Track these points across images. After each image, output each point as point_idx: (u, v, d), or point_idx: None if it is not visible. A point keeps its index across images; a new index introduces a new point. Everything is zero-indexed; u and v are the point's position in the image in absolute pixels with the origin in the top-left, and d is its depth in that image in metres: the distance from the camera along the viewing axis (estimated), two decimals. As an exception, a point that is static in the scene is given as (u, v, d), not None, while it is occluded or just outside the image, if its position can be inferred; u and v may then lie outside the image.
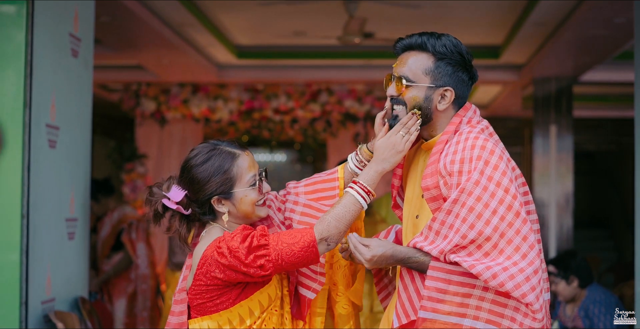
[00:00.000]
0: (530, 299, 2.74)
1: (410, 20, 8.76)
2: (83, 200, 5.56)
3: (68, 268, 5.32)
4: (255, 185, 2.98)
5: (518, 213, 2.80)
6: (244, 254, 2.82)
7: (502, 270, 2.74)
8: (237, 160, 2.98)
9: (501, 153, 2.88)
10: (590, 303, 6.20)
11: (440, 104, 2.99)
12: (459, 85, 3.01)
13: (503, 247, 2.79)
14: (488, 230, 2.79)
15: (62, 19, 5.16)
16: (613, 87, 12.33)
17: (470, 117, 3.03)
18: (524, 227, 2.79)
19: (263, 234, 2.85)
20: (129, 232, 7.54)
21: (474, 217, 2.80)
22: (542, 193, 10.33)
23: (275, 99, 11.27)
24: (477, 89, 13.19)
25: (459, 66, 3.00)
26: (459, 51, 3.00)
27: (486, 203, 2.80)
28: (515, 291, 2.73)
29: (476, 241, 2.80)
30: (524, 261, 2.76)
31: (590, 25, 7.63)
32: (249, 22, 9.17)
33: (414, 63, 3.00)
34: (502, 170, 2.83)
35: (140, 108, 11.37)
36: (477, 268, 2.75)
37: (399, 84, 3.01)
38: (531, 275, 2.75)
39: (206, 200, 2.98)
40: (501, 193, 2.80)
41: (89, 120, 5.65)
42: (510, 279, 2.73)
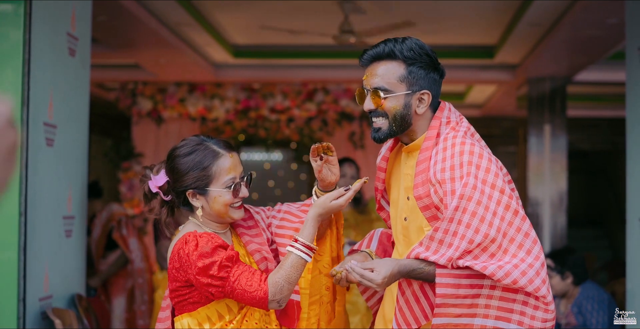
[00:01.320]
0: (543, 292, 2.82)
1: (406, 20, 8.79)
2: (80, 198, 5.60)
3: (65, 266, 5.36)
4: (230, 188, 2.99)
5: (516, 211, 2.86)
6: (200, 276, 2.88)
7: (513, 267, 2.79)
8: (218, 159, 3.00)
9: (488, 155, 2.92)
10: (583, 300, 6.25)
11: (419, 108, 3.01)
12: (433, 86, 3.02)
13: (507, 246, 2.84)
14: (492, 231, 2.83)
15: (60, 18, 5.19)
16: (607, 87, 12.38)
17: (448, 117, 3.04)
18: (524, 224, 2.86)
19: (226, 265, 2.88)
20: (119, 229, 7.57)
21: (477, 221, 2.84)
22: (537, 192, 10.37)
23: (271, 98, 11.31)
24: (472, 89, 13.23)
25: (429, 67, 3.01)
26: (425, 52, 3.00)
27: (486, 206, 2.84)
28: (529, 286, 2.79)
29: (482, 244, 2.84)
30: (530, 256, 2.82)
31: (584, 26, 7.68)
32: (245, 21, 9.20)
33: (387, 73, 3.00)
34: (494, 172, 2.88)
35: (137, 107, 11.40)
36: (489, 269, 2.80)
37: (375, 97, 3.02)
38: (540, 269, 2.82)
39: (182, 191, 3.03)
40: (497, 194, 2.86)
41: (87, 119, 5.69)
42: (522, 276, 2.79)
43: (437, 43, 10.01)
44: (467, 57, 10.49)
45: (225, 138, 3.12)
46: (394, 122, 3.02)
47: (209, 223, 3.07)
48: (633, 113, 5.46)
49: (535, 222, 10.31)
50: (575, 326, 6.28)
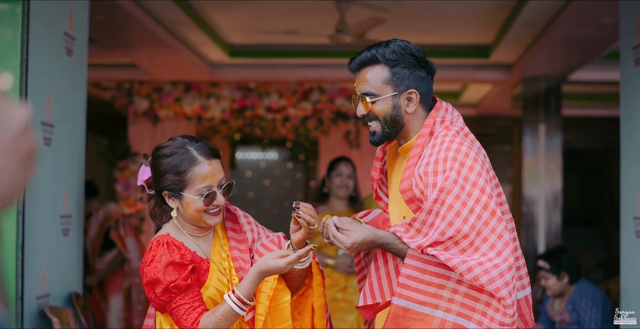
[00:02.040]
0: (503, 294, 2.82)
1: (401, 19, 8.83)
2: (77, 197, 5.62)
3: (62, 264, 5.38)
4: (203, 196, 3.00)
5: (494, 212, 2.88)
6: (147, 288, 2.97)
7: (477, 264, 2.83)
8: (195, 166, 3.00)
9: (476, 155, 2.94)
10: (577, 297, 6.29)
11: (408, 107, 3.06)
12: (420, 83, 3.07)
13: (479, 245, 2.87)
14: (466, 228, 2.87)
15: (57, 18, 5.21)
16: (601, 86, 12.41)
17: (443, 117, 3.08)
18: (499, 226, 2.88)
19: (171, 291, 2.93)
20: (116, 229, 7.60)
21: (452, 215, 2.88)
22: (531, 191, 10.40)
23: (267, 97, 11.32)
24: (467, 88, 13.26)
25: (414, 66, 3.06)
26: (409, 52, 3.06)
27: (464, 201, 2.88)
28: (489, 285, 2.81)
29: (454, 238, 2.88)
30: (499, 258, 2.84)
31: (578, 26, 7.70)
32: (241, 21, 9.23)
33: (372, 77, 3.07)
34: (477, 171, 2.91)
35: (133, 107, 11.41)
36: (453, 261, 2.84)
37: (364, 102, 3.09)
38: (505, 271, 2.83)
39: (159, 191, 3.07)
40: (477, 193, 2.89)
41: (84, 118, 5.71)
42: (484, 274, 2.81)
43: (432, 42, 10.04)
44: (462, 57, 10.51)
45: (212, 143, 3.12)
46: (386, 124, 3.08)
47: (186, 225, 3.10)
48: (627, 112, 5.50)
49: (530, 221, 10.34)
50: (569, 323, 6.32)
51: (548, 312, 6.56)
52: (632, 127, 5.36)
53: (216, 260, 3.08)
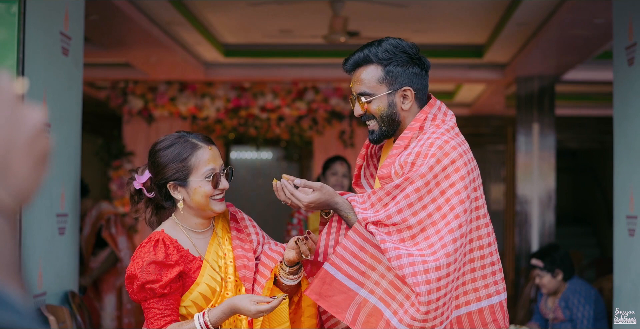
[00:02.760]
0: (420, 290, 2.84)
1: (395, 19, 8.85)
2: (73, 196, 5.64)
3: (59, 263, 5.40)
4: (210, 179, 3.03)
5: (444, 216, 2.91)
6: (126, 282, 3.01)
7: (407, 255, 2.87)
8: (197, 150, 3.04)
9: (457, 157, 2.96)
10: (570, 294, 6.32)
11: (404, 104, 3.10)
12: (414, 80, 3.10)
13: (419, 240, 2.92)
14: (412, 220, 2.92)
15: (53, 18, 5.23)
16: (595, 86, 12.44)
17: (435, 114, 3.11)
18: (445, 229, 2.90)
19: (146, 292, 2.96)
20: (108, 228, 7.59)
21: (404, 204, 2.93)
22: (525, 190, 10.43)
23: (261, 97, 11.34)
24: (461, 88, 13.29)
25: (407, 63, 3.09)
26: (401, 50, 3.09)
27: (420, 196, 2.92)
28: (410, 278, 2.84)
29: (398, 225, 2.93)
30: (431, 256, 2.87)
31: (572, 26, 7.74)
32: (236, 21, 9.25)
33: (366, 77, 3.11)
34: (446, 174, 2.93)
35: (128, 106, 11.42)
36: (386, 244, 2.89)
37: (360, 102, 3.13)
38: (431, 269, 2.85)
39: (163, 184, 3.07)
40: (437, 193, 2.92)
41: (79, 118, 5.73)
42: (409, 266, 2.85)
43: (426, 42, 10.06)
44: (456, 56, 10.54)
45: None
46: (383, 123, 3.12)
47: (189, 218, 3.11)
48: (620, 111, 5.52)
49: (523, 220, 10.38)
50: (562, 321, 6.35)
51: (541, 310, 6.59)
52: (625, 126, 5.39)
53: (210, 259, 3.09)
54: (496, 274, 3.06)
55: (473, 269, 3.01)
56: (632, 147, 5.24)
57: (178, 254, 3.00)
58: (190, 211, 3.10)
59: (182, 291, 3.01)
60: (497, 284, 3.05)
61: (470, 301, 3.01)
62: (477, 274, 3.02)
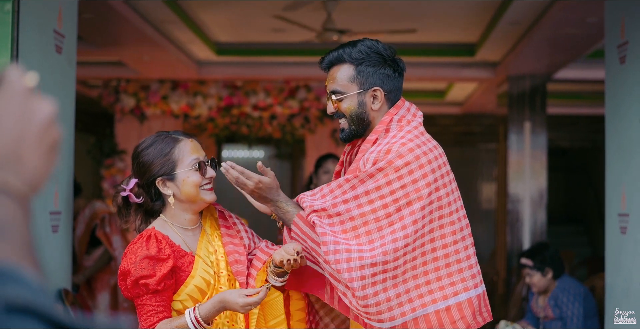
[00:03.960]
0: (355, 285, 2.89)
1: (388, 18, 8.87)
2: (66, 193, 5.64)
3: (52, 261, 5.40)
4: (196, 168, 3.07)
5: (389, 214, 2.94)
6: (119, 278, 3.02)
7: (345, 250, 2.91)
8: (179, 143, 3.09)
9: (412, 159, 2.98)
10: (559, 292, 6.34)
11: (374, 105, 3.14)
12: (385, 81, 3.14)
13: (360, 233, 2.96)
14: (355, 212, 2.97)
15: (47, 15, 5.23)
16: (586, 85, 12.47)
17: (402, 115, 3.14)
18: (387, 228, 2.94)
19: (139, 288, 2.96)
20: (102, 227, 7.59)
21: (351, 196, 2.98)
22: (516, 189, 10.46)
23: (254, 96, 11.34)
24: (453, 86, 13.31)
25: (380, 64, 3.13)
26: (375, 51, 3.14)
27: (367, 191, 2.97)
28: (345, 274, 2.89)
29: (341, 215, 2.98)
30: (369, 252, 2.91)
31: (563, 25, 7.76)
32: (228, 19, 9.25)
33: (339, 76, 3.15)
34: (399, 175, 2.95)
35: (120, 104, 11.42)
36: (326, 237, 2.95)
37: (332, 100, 3.17)
38: (367, 265, 2.89)
39: (151, 182, 3.10)
40: (386, 191, 2.95)
41: (72, 116, 5.73)
42: (346, 261, 2.90)
43: (418, 41, 10.08)
44: (448, 55, 10.56)
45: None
46: (352, 122, 3.17)
47: (179, 215, 3.14)
48: (612, 109, 5.55)
49: (515, 219, 10.40)
50: (552, 319, 6.38)
51: (533, 309, 6.62)
52: (616, 124, 5.41)
53: (202, 254, 3.11)
54: (463, 272, 3.06)
55: (437, 268, 3.02)
56: (623, 145, 5.27)
57: (170, 249, 3.02)
58: (182, 205, 3.12)
59: (175, 288, 3.02)
60: (464, 281, 3.05)
61: (437, 299, 3.01)
62: (442, 273, 3.02)
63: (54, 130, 1.15)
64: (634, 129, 5.06)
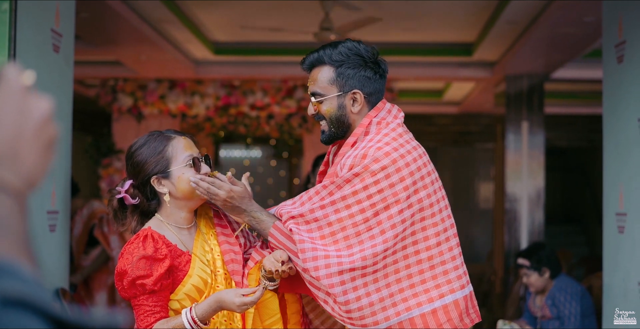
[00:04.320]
0: (336, 291, 2.87)
1: (386, 18, 8.86)
2: (64, 193, 5.63)
3: (49, 260, 5.39)
4: (191, 164, 3.08)
5: (367, 219, 2.92)
6: (116, 279, 3.00)
7: (324, 256, 2.90)
8: (171, 141, 3.09)
9: (389, 163, 2.95)
10: (556, 291, 6.34)
11: (353, 107, 3.11)
12: (365, 83, 3.11)
13: (339, 239, 2.94)
14: (333, 217, 2.95)
15: (44, 14, 5.22)
16: (584, 84, 12.48)
17: (382, 117, 3.12)
18: (365, 234, 2.93)
19: (136, 288, 2.96)
20: (100, 227, 7.59)
21: (328, 201, 2.96)
22: (514, 188, 10.46)
23: (251, 95, 11.34)
24: (451, 86, 13.31)
25: (360, 66, 3.11)
26: (356, 53, 3.11)
27: (344, 196, 2.95)
28: (325, 280, 2.88)
29: (319, 221, 2.96)
30: (348, 258, 2.90)
31: (561, 24, 7.76)
32: (226, 18, 9.25)
33: (319, 78, 3.13)
34: (375, 180, 2.93)
35: (117, 104, 11.41)
36: (304, 244, 2.93)
37: (312, 102, 3.16)
38: (346, 271, 2.88)
39: (146, 181, 3.09)
40: (363, 196, 2.93)
41: (70, 115, 5.72)
42: (325, 268, 2.88)
43: (415, 40, 10.08)
44: (446, 55, 10.56)
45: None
46: (332, 124, 3.14)
47: (175, 213, 3.13)
48: (609, 109, 5.55)
49: (512, 218, 10.40)
50: (550, 319, 6.38)
51: (530, 308, 6.62)
52: (614, 123, 5.42)
53: (198, 253, 3.11)
54: (449, 274, 3.03)
55: (421, 270, 2.99)
56: (621, 144, 5.27)
57: (167, 248, 3.02)
58: (178, 203, 3.11)
59: (171, 289, 3.02)
60: (450, 283, 3.02)
61: (422, 302, 2.98)
62: (426, 276, 3.00)
63: (51, 128, 1.17)
64: (632, 128, 5.06)
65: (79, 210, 7.67)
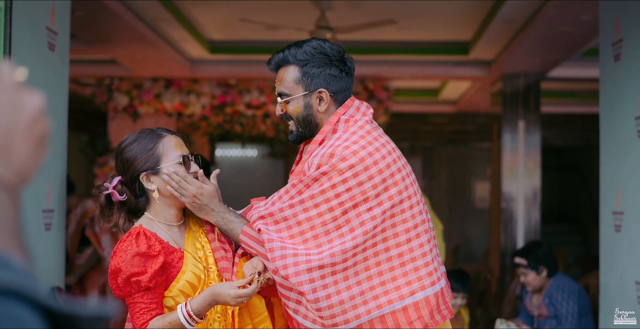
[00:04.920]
0: (305, 288, 2.87)
1: (382, 16, 8.85)
2: (59, 191, 5.62)
3: (45, 259, 5.38)
4: (181, 163, 3.07)
5: (335, 218, 2.92)
6: (110, 277, 3.00)
7: (292, 254, 2.90)
8: (162, 139, 3.09)
9: (356, 161, 2.94)
10: (553, 290, 6.33)
11: (320, 106, 3.10)
12: (331, 82, 3.10)
13: (308, 238, 2.94)
14: (302, 216, 2.95)
15: (40, 12, 5.21)
16: (580, 83, 12.48)
17: (351, 115, 3.10)
18: (335, 232, 2.93)
19: (131, 285, 2.95)
20: (91, 226, 7.56)
21: (297, 200, 2.96)
22: (510, 188, 10.46)
23: (247, 94, 11.33)
24: (447, 85, 13.30)
25: (325, 65, 3.09)
26: (321, 52, 3.09)
27: (312, 195, 2.95)
28: (294, 278, 2.88)
29: (288, 220, 2.96)
30: (317, 255, 2.90)
31: (558, 23, 7.75)
32: (222, 17, 9.23)
33: (285, 78, 3.12)
34: (343, 178, 2.92)
35: (113, 103, 11.40)
36: (272, 244, 2.93)
37: (279, 102, 3.15)
38: (315, 268, 2.88)
39: (135, 177, 3.08)
40: (331, 194, 2.93)
41: (65, 113, 5.71)
42: (293, 265, 2.88)
43: (411, 39, 10.07)
44: (442, 53, 10.56)
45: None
46: (299, 124, 3.13)
47: (164, 210, 3.13)
48: (606, 107, 5.54)
49: (509, 218, 10.40)
50: (547, 317, 6.37)
51: (527, 307, 6.61)
52: (611, 122, 5.41)
53: (190, 250, 3.11)
54: (419, 270, 3.00)
55: (392, 267, 2.98)
56: (618, 142, 5.26)
57: (160, 245, 3.01)
58: (166, 200, 3.11)
59: (165, 285, 3.01)
60: (421, 280, 3.00)
61: (393, 299, 2.96)
62: (397, 273, 2.98)
63: (43, 123, 1.18)
64: (629, 127, 5.06)
65: (74, 208, 7.65)
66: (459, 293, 6.42)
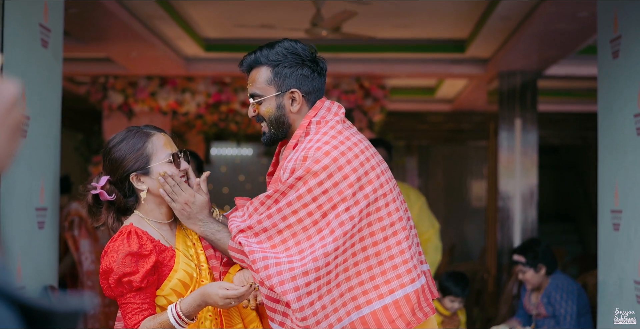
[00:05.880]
0: (289, 297, 2.84)
1: (377, 14, 8.82)
2: (52, 190, 5.58)
3: (38, 257, 5.34)
4: (171, 161, 3.05)
5: (316, 222, 2.91)
6: (101, 278, 2.97)
7: (275, 264, 2.87)
8: (151, 137, 3.06)
9: (329, 162, 2.93)
10: (552, 290, 6.30)
11: (292, 107, 3.09)
12: (303, 82, 3.09)
13: (290, 245, 2.92)
14: (281, 225, 2.94)
15: (33, 9, 5.17)
16: (577, 81, 12.45)
17: (322, 116, 3.10)
18: (316, 236, 2.91)
19: (123, 286, 2.92)
20: (70, 229, 7.47)
21: (274, 210, 2.94)
22: (507, 186, 10.43)
23: (242, 92, 11.31)
24: (443, 83, 13.27)
25: (297, 65, 3.09)
26: (292, 52, 3.09)
27: (289, 202, 2.93)
28: (279, 287, 2.85)
29: (268, 231, 2.95)
30: (299, 262, 2.87)
31: (555, 20, 7.72)
32: (217, 15, 9.20)
33: (257, 79, 3.11)
34: (318, 181, 2.92)
35: (108, 101, 11.38)
36: (254, 255, 2.91)
37: (252, 103, 3.13)
38: (299, 276, 2.85)
39: (125, 178, 3.06)
40: (308, 199, 2.92)
41: (59, 111, 5.67)
42: (277, 275, 2.86)
43: (408, 37, 10.04)
44: (438, 51, 10.52)
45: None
46: (271, 125, 3.13)
47: (154, 209, 3.11)
48: (604, 104, 5.51)
49: (505, 216, 10.38)
50: (545, 317, 6.34)
51: (525, 306, 6.58)
52: (609, 119, 5.37)
53: (181, 248, 3.10)
54: (398, 268, 2.99)
55: (370, 267, 2.97)
56: (616, 140, 5.23)
57: (151, 244, 2.99)
58: (156, 199, 3.10)
59: (157, 284, 2.99)
60: (399, 278, 2.98)
61: (372, 299, 2.96)
62: (375, 272, 2.97)
63: (17, 111, 1.16)
64: (627, 124, 5.02)
65: (63, 208, 7.58)
66: (457, 297, 6.40)
